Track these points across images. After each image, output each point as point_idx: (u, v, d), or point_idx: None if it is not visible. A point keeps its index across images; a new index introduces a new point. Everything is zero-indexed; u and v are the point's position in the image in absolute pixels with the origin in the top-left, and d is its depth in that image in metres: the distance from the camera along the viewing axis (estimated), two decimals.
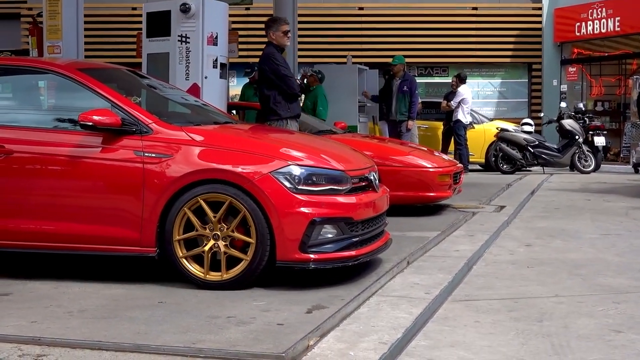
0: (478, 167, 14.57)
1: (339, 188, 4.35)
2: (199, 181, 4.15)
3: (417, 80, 14.55)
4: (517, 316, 4.02)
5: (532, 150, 13.47)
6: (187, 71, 6.68)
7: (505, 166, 13.64)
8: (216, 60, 6.84)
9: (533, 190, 11.31)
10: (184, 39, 6.64)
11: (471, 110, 13.62)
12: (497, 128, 14.06)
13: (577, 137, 13.09)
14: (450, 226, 7.17)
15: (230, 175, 4.14)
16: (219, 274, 4.16)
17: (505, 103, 18.88)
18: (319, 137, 6.48)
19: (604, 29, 15.76)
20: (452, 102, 12.92)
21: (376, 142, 9.01)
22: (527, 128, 14.08)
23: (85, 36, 7.50)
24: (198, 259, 4.20)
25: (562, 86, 18.07)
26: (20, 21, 16.53)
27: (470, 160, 13.61)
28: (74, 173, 4.42)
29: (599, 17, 16.11)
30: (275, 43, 6.99)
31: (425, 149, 9.06)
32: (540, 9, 18.60)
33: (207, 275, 4.14)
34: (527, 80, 19.19)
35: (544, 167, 13.89)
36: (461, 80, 13.33)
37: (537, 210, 9.01)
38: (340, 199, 4.25)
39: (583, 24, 16.66)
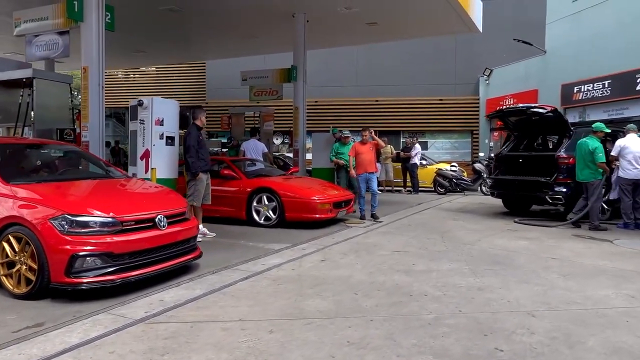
0: (429, 189, 16.70)
1: (107, 230, 4.37)
2: (10, 223, 4.40)
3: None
4: (151, 340, 3.48)
5: (455, 181, 16.21)
6: (143, 141, 7.48)
7: (440, 190, 16.32)
8: (162, 134, 7.58)
9: (427, 207, 11.74)
10: (142, 122, 7.46)
11: (422, 156, 16.82)
12: (437, 168, 16.81)
13: (482, 174, 15.73)
14: (311, 239, 7.30)
15: (24, 221, 4.33)
16: (21, 288, 4.32)
17: (457, 152, 22.29)
18: (133, 190, 5.91)
19: None
20: (411, 153, 16.14)
21: (291, 182, 9.32)
22: (453, 168, 16.85)
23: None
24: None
25: (490, 143, 20.79)
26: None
27: (423, 186, 16.35)
28: None
29: (509, 103, 18.82)
30: (199, 123, 7.63)
31: (335, 187, 9.87)
32: (478, 99, 21.67)
33: (15, 289, 4.36)
34: (470, 139, 22.16)
35: (464, 191, 16.19)
36: (417, 140, 16.76)
37: (396, 226, 8.91)
38: (105, 238, 4.33)
39: (502, 107, 18.42)
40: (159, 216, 4.85)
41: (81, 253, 4.23)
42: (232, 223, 8.72)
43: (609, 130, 9.17)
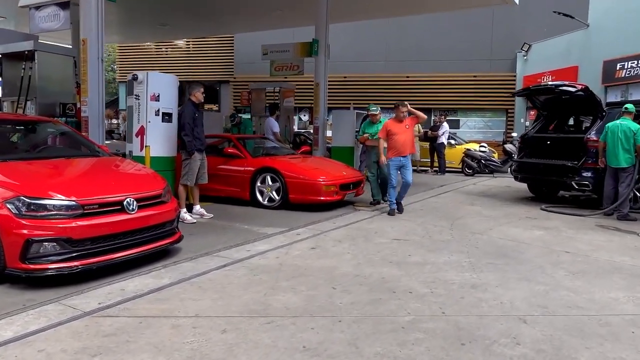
0: (457, 170, 16.11)
1: (68, 214, 4.12)
2: None
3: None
4: (86, 340, 3.20)
5: (484, 162, 15.53)
6: (138, 117, 7.15)
7: (468, 171, 15.71)
8: (158, 110, 7.20)
9: (448, 190, 11.27)
10: (137, 97, 7.13)
11: (450, 135, 16.11)
12: (465, 148, 16.14)
13: (513, 155, 14.59)
14: (310, 223, 6.95)
15: None
16: None
17: (491, 132, 21.32)
18: (108, 171, 5.49)
19: None
20: (438, 132, 15.39)
21: (298, 163, 8.81)
22: (482, 149, 16.12)
23: None
24: None
25: (526, 123, 19.42)
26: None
27: (450, 166, 15.75)
28: None
29: (547, 80, 17.37)
30: (195, 100, 7.28)
31: (344, 167, 9.29)
32: (514, 76, 20.48)
33: None
34: (504, 119, 21.10)
35: (493, 173, 15.53)
36: (445, 118, 16.06)
37: (406, 210, 8.25)
38: (64, 223, 4.07)
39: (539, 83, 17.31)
40: (127, 199, 4.57)
41: (37, 238, 3.99)
42: (236, 203, 8.47)
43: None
